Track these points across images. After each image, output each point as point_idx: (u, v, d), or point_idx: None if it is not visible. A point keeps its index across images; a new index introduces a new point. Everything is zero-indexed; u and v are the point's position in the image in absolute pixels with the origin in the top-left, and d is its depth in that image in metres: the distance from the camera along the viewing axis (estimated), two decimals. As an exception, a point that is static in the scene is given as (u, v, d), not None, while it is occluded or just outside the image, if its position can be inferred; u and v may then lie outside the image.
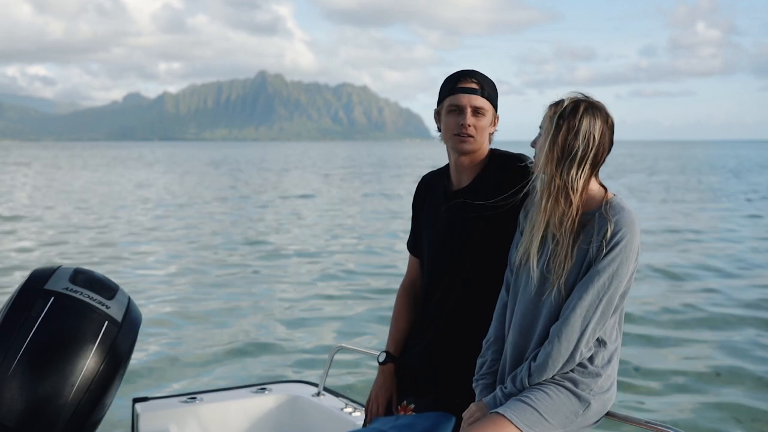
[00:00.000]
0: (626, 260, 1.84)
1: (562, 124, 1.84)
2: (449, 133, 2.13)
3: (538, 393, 1.86)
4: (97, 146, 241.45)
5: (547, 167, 1.87)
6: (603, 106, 1.90)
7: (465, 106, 2.10)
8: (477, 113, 2.10)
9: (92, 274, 2.26)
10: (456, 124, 2.11)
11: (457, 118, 2.11)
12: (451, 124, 2.12)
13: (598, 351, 1.91)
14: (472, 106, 2.10)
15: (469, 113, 2.09)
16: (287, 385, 3.25)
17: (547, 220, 1.89)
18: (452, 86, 2.13)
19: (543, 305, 1.92)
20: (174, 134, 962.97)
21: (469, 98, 2.10)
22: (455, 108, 2.11)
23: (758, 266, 11.77)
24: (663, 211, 20.87)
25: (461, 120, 2.10)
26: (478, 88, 2.11)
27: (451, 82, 2.14)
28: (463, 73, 2.14)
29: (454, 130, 2.11)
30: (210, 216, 19.95)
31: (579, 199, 1.87)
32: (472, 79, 2.12)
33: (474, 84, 2.11)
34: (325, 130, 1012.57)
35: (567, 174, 1.85)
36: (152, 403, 2.96)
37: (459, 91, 2.11)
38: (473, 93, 2.10)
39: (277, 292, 9.82)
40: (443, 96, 2.16)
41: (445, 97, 2.14)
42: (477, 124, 2.10)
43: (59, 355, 2.06)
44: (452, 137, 2.12)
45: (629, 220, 1.85)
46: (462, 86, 2.11)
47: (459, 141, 2.11)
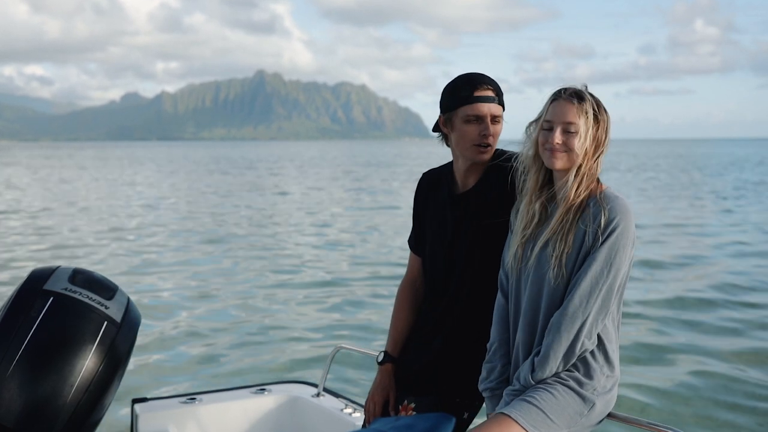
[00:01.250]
0: (623, 247, 1.85)
1: (600, 119, 1.90)
2: (468, 142, 2.10)
3: (543, 393, 1.86)
4: (93, 146, 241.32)
5: (585, 159, 1.89)
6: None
7: (486, 116, 2.07)
8: (494, 121, 2.10)
9: (91, 274, 2.25)
10: (477, 134, 2.08)
11: (478, 127, 2.08)
12: (471, 134, 2.08)
13: (599, 350, 1.91)
14: (491, 115, 2.08)
15: (490, 123, 2.08)
16: (287, 386, 3.24)
17: (567, 210, 1.89)
18: (469, 94, 2.08)
19: (542, 299, 1.93)
20: (172, 134, 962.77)
21: (489, 107, 2.08)
22: (475, 118, 2.08)
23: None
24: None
25: (483, 131, 2.07)
26: (495, 96, 2.10)
27: (467, 90, 2.09)
28: (476, 80, 2.10)
29: (476, 141, 2.09)
30: (208, 215, 19.93)
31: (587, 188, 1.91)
32: (487, 86, 2.09)
33: (490, 92, 2.09)
34: (324, 130, 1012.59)
35: (596, 165, 1.91)
36: (151, 404, 2.95)
37: (477, 100, 2.07)
38: (491, 102, 2.08)
39: (276, 293, 9.81)
40: (458, 103, 2.10)
41: (460, 105, 2.09)
42: (495, 132, 2.10)
43: (58, 355, 2.05)
44: (472, 147, 2.10)
45: (623, 207, 1.87)
46: (480, 95, 2.08)
47: (479, 152, 2.10)
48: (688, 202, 23.19)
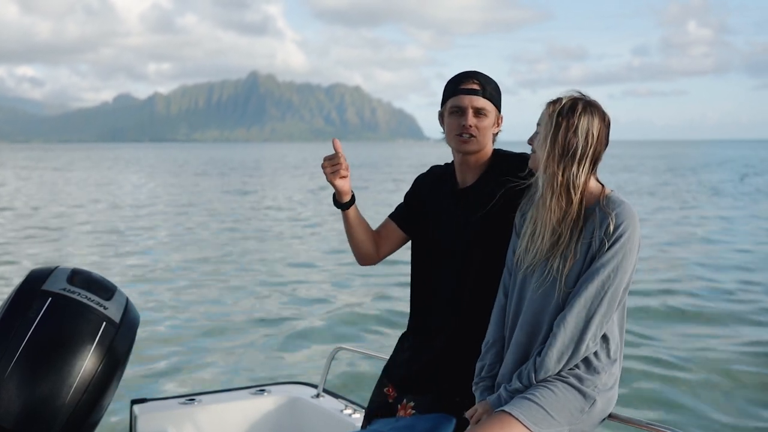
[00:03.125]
0: (629, 252, 1.87)
1: (562, 122, 1.87)
2: (452, 134, 2.16)
3: (543, 390, 1.86)
4: (84, 148, 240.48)
5: (549, 165, 1.89)
6: (599, 105, 1.94)
7: (466, 107, 2.13)
8: (479, 114, 2.13)
9: (90, 274, 2.24)
10: (458, 125, 2.14)
11: (458, 119, 2.14)
12: (453, 125, 2.15)
13: (602, 348, 1.92)
14: (473, 107, 2.13)
15: (471, 114, 2.13)
16: (286, 387, 3.23)
17: (554, 217, 1.90)
18: (454, 88, 2.16)
19: (548, 303, 1.93)
20: (165, 135, 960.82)
21: (470, 99, 2.13)
22: (457, 109, 2.14)
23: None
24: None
25: (462, 121, 2.13)
26: (480, 89, 2.14)
27: (453, 84, 2.17)
28: (464, 75, 2.18)
29: (456, 131, 2.15)
30: (206, 216, 19.89)
31: (580, 195, 1.90)
32: (473, 80, 2.15)
33: (475, 85, 2.14)
34: (318, 131, 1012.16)
35: (569, 171, 1.88)
36: (150, 405, 2.94)
37: (460, 92, 2.14)
38: (474, 94, 2.13)
39: (275, 294, 9.80)
40: (446, 97, 2.19)
41: (448, 99, 2.17)
42: (479, 125, 2.13)
43: (57, 356, 2.04)
44: (454, 138, 2.16)
45: (629, 213, 1.88)
46: (463, 87, 2.14)
47: (460, 141, 2.15)
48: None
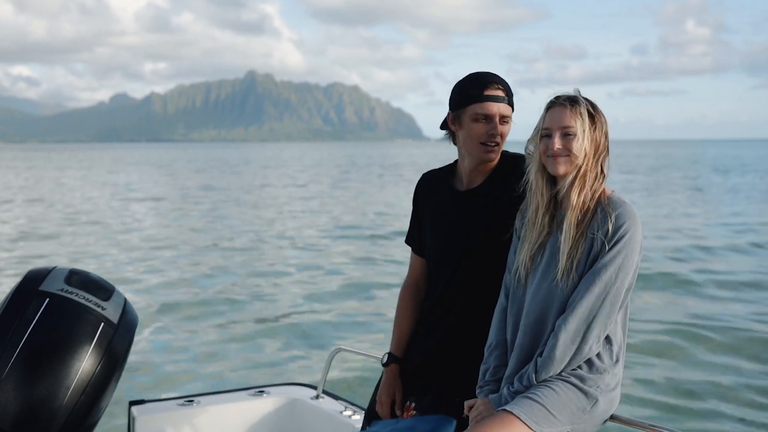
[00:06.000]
0: (631, 252, 1.87)
1: (597, 121, 1.92)
2: (475, 141, 2.11)
3: (545, 389, 1.86)
4: (80, 148, 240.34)
5: (585, 161, 1.90)
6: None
7: (495, 116, 2.09)
8: (503, 121, 2.11)
9: (88, 275, 2.23)
10: (485, 133, 2.09)
11: (486, 127, 2.09)
12: (479, 132, 2.10)
13: (605, 349, 1.92)
14: (500, 115, 2.09)
15: (498, 122, 2.09)
16: (286, 388, 3.22)
17: (575, 214, 1.90)
18: (479, 93, 2.09)
19: (550, 305, 1.93)
20: (162, 135, 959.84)
21: (498, 107, 2.09)
22: (483, 117, 2.09)
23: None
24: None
25: (492, 130, 2.09)
26: (504, 95, 2.10)
27: (477, 88, 2.10)
28: (486, 80, 2.11)
29: (482, 139, 2.10)
30: (206, 216, 19.87)
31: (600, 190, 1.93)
32: (497, 85, 2.10)
33: (500, 91, 2.10)
34: (316, 131, 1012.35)
35: (599, 167, 1.92)
36: (149, 406, 2.93)
37: (486, 99, 2.08)
38: (501, 101, 2.09)
39: (274, 294, 9.79)
40: (466, 102, 2.11)
41: (470, 104, 2.10)
42: (503, 132, 2.11)
43: (54, 357, 2.03)
44: (479, 146, 2.11)
45: (631, 213, 1.89)
46: (489, 94, 2.08)
47: (486, 150, 2.11)
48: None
